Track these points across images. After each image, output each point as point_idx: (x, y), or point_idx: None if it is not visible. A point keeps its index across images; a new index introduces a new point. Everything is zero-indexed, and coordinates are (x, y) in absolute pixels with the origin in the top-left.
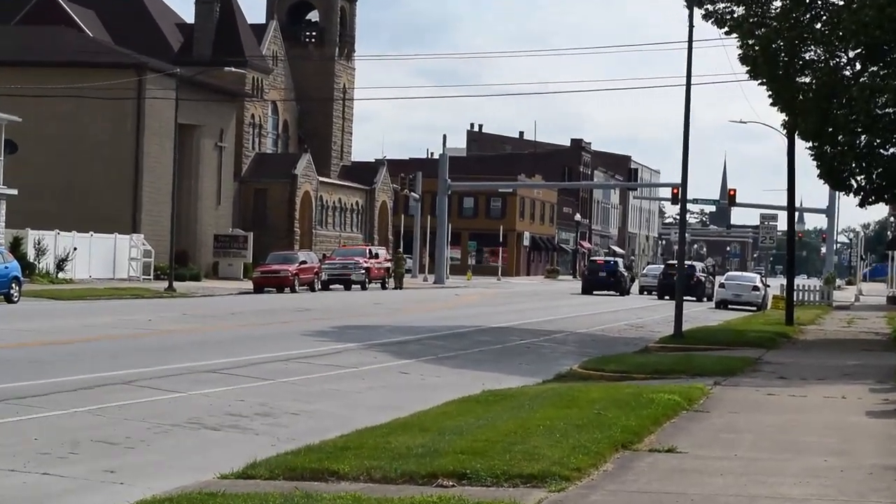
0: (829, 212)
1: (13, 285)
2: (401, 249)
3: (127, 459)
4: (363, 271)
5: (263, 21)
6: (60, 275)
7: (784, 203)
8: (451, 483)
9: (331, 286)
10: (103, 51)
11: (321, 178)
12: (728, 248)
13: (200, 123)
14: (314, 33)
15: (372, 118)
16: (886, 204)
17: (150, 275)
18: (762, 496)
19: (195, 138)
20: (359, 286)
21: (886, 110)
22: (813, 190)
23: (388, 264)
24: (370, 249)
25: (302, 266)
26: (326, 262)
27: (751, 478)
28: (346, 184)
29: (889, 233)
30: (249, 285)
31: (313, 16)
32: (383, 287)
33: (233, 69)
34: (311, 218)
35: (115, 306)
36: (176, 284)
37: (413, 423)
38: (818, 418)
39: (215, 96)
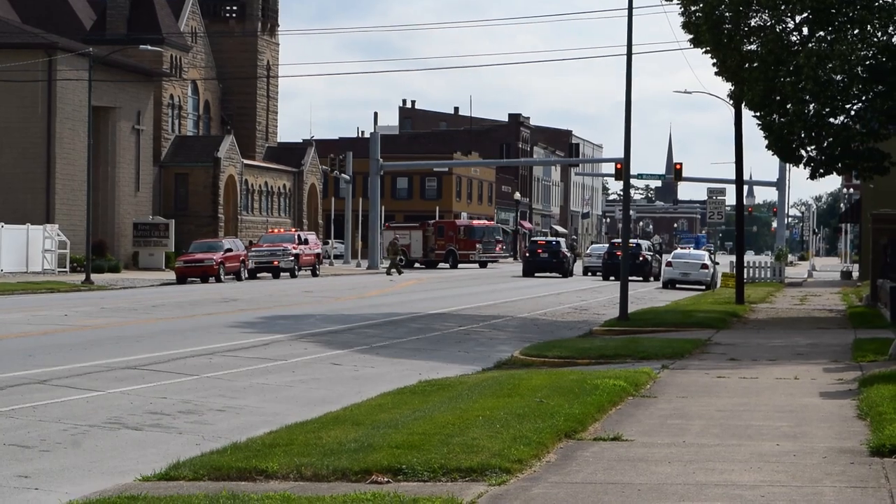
0: (780, 185)
1: None
2: (397, 235)
3: (42, 464)
4: (292, 258)
5: None
6: None
7: (733, 176)
8: (385, 479)
9: (258, 274)
10: (10, 30)
11: (246, 161)
12: (675, 225)
13: (116, 105)
14: (235, 8)
15: (298, 96)
16: (838, 175)
17: (65, 267)
18: (711, 484)
19: (111, 121)
20: (288, 274)
21: (835, 77)
22: (763, 162)
23: (319, 250)
24: (299, 235)
25: (227, 254)
26: (253, 249)
27: (699, 465)
28: (273, 166)
29: (842, 205)
30: (172, 276)
31: None
32: (314, 274)
33: (149, 47)
34: (235, 203)
35: (29, 301)
36: (94, 277)
37: (346, 416)
38: (770, 401)
39: (131, 76)
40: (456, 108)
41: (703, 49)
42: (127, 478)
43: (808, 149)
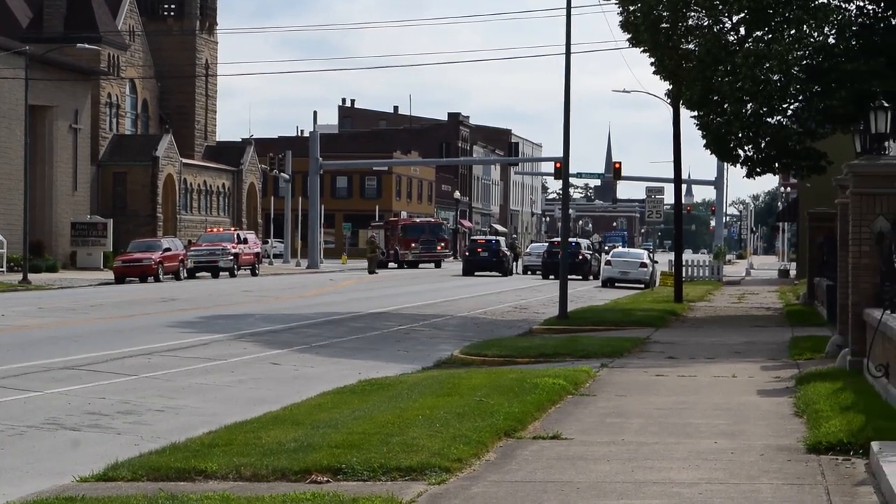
0: (718, 183)
1: None
2: (374, 234)
3: None
4: (231, 257)
5: None
6: None
7: (671, 175)
8: (325, 479)
9: (197, 274)
10: None
11: (185, 160)
12: (615, 224)
13: (53, 104)
14: (173, 6)
15: (237, 94)
16: (774, 174)
17: (2, 267)
18: (650, 482)
19: (48, 120)
20: (227, 273)
21: (772, 77)
22: (701, 161)
23: (258, 249)
24: (238, 234)
25: (166, 253)
26: (192, 248)
27: (638, 463)
28: (212, 165)
29: (780, 204)
30: (110, 275)
31: None
32: (253, 274)
33: (86, 45)
34: (174, 202)
35: None
36: (31, 276)
37: (285, 416)
38: (708, 399)
39: (68, 75)
40: (396, 107)
41: (642, 48)
42: (65, 479)
43: (746, 148)
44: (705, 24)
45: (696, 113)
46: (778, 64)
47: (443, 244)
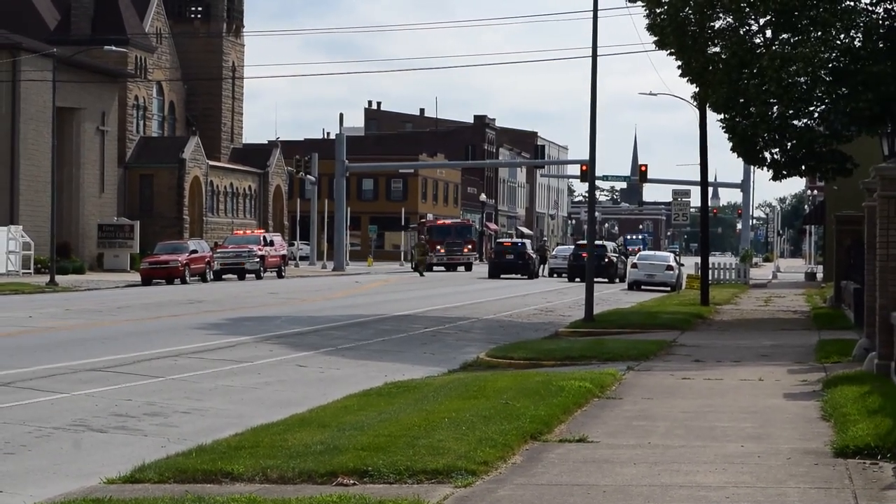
0: (744, 186)
1: None
2: (423, 236)
3: (6, 466)
4: (258, 259)
5: None
6: None
7: (698, 178)
8: (351, 481)
9: (224, 276)
10: None
11: (211, 162)
12: (641, 226)
13: (80, 106)
14: (200, 8)
15: (262, 95)
16: (801, 177)
17: (30, 268)
18: (676, 485)
19: (75, 122)
20: (253, 275)
21: (798, 79)
22: (727, 163)
23: (284, 251)
24: (265, 236)
25: (192, 255)
26: (218, 250)
27: (665, 466)
28: (238, 167)
29: (806, 207)
30: (137, 277)
31: None
32: (279, 276)
33: (114, 48)
34: (201, 204)
35: None
36: (58, 278)
37: (311, 418)
38: (734, 402)
39: (96, 77)
40: (422, 110)
41: (668, 51)
42: (92, 480)
43: (772, 151)
44: (732, 26)
45: (722, 115)
46: (804, 66)
47: (469, 246)
